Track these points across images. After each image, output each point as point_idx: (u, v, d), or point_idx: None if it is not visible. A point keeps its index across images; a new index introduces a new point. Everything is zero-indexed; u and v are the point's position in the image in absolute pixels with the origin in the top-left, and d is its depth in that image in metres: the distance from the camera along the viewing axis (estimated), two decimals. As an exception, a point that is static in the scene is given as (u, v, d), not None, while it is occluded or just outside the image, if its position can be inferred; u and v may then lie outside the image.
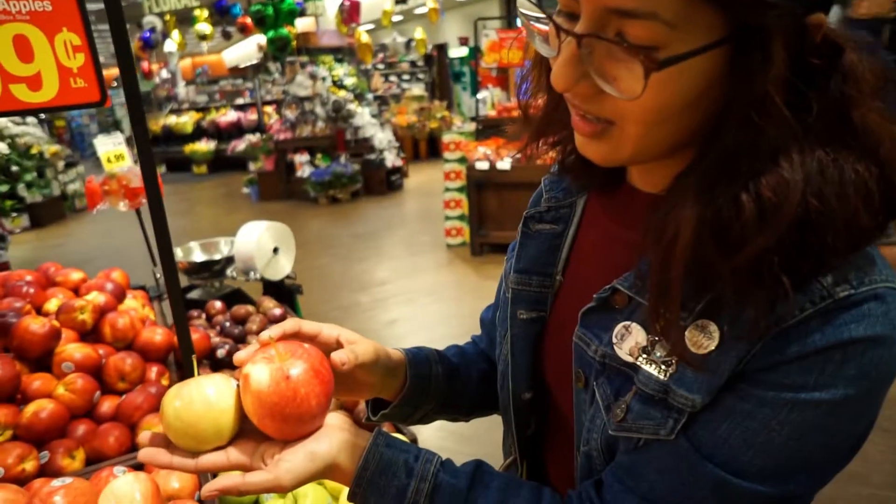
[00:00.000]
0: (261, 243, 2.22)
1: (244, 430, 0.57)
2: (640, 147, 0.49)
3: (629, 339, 0.53)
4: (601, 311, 0.56)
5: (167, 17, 10.40)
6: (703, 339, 0.47)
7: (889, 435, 2.40)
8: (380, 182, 8.35)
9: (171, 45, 11.29)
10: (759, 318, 0.44)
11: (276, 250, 2.29)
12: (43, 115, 10.42)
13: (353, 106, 8.71)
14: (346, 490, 0.63)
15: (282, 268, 2.32)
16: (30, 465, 1.00)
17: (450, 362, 0.78)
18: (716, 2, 0.40)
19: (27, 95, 0.93)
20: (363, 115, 8.79)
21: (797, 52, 0.41)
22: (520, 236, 0.70)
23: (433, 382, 0.75)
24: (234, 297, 2.26)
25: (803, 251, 0.43)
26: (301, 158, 8.30)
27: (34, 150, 7.86)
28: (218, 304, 1.97)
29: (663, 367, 0.50)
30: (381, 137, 8.71)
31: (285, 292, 2.36)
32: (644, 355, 0.52)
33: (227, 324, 1.81)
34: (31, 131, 8.08)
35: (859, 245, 0.45)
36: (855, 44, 0.44)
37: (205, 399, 0.54)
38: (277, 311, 1.96)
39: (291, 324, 0.61)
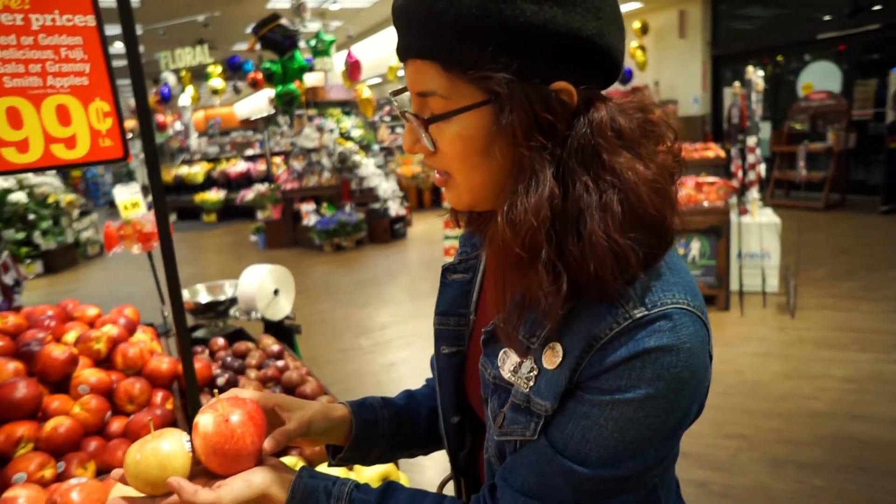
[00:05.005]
0: (262, 285, 2.38)
1: (195, 475, 0.68)
2: (471, 190, 0.65)
3: (508, 362, 0.66)
4: (494, 340, 0.69)
5: (183, 73, 10.92)
6: (553, 357, 0.61)
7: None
8: (383, 230, 8.56)
9: (185, 99, 11.79)
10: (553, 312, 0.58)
11: (276, 292, 2.44)
12: (60, 166, 10.79)
13: (358, 157, 9.03)
14: None
15: (281, 308, 2.47)
16: (48, 473, 1.13)
17: (396, 406, 0.91)
18: (469, 80, 0.58)
19: (64, 153, 1.12)
20: (368, 166, 9.09)
21: (546, 106, 0.58)
22: (439, 285, 0.84)
23: (380, 426, 0.87)
24: (237, 336, 2.40)
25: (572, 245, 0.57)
26: (307, 207, 8.55)
27: (51, 200, 8.17)
28: (221, 341, 2.12)
29: (526, 381, 0.63)
30: (386, 187, 8.98)
31: (284, 332, 2.50)
32: (514, 374, 0.65)
33: (229, 358, 1.95)
34: (48, 181, 8.41)
35: (623, 251, 0.56)
36: (616, 107, 0.60)
37: (159, 455, 0.66)
38: (276, 348, 2.10)
39: (231, 392, 0.76)
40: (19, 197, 7.55)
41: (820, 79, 8.55)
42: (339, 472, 1.24)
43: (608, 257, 0.55)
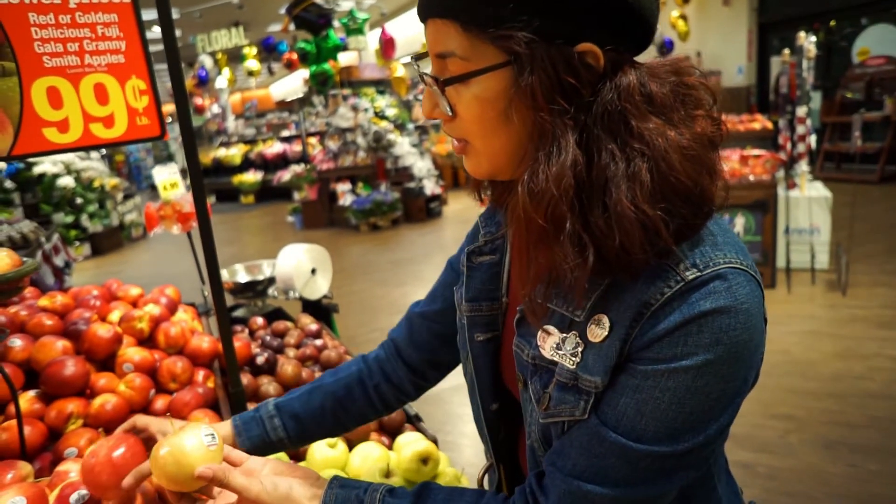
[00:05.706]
0: (299, 264, 2.39)
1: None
2: (490, 157, 0.62)
3: (549, 340, 0.63)
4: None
5: (219, 56, 11.03)
6: (598, 330, 0.58)
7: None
8: (419, 209, 8.55)
9: (222, 82, 11.92)
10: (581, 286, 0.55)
11: (313, 271, 2.45)
12: (104, 150, 11.12)
13: (393, 136, 9.00)
14: None
15: (319, 288, 2.48)
16: (96, 449, 1.15)
17: (293, 408, 0.92)
18: (489, 39, 0.55)
19: (103, 132, 1.12)
20: (403, 145, 9.06)
21: (569, 68, 0.54)
22: (465, 269, 0.80)
23: (272, 434, 0.91)
24: (275, 315, 2.42)
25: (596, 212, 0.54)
26: (343, 187, 8.60)
27: (96, 184, 8.41)
28: (260, 321, 2.13)
29: (572, 357, 0.60)
30: (421, 166, 8.94)
31: (322, 311, 2.51)
32: (558, 351, 0.61)
33: (268, 337, 1.96)
34: (94, 166, 8.65)
35: (653, 222, 0.53)
36: (647, 71, 0.56)
37: (175, 452, 0.67)
38: (314, 327, 2.11)
39: (129, 422, 0.87)
40: (67, 181, 7.79)
41: (878, 43, 8.08)
42: (378, 453, 1.23)
43: (636, 229, 0.52)
